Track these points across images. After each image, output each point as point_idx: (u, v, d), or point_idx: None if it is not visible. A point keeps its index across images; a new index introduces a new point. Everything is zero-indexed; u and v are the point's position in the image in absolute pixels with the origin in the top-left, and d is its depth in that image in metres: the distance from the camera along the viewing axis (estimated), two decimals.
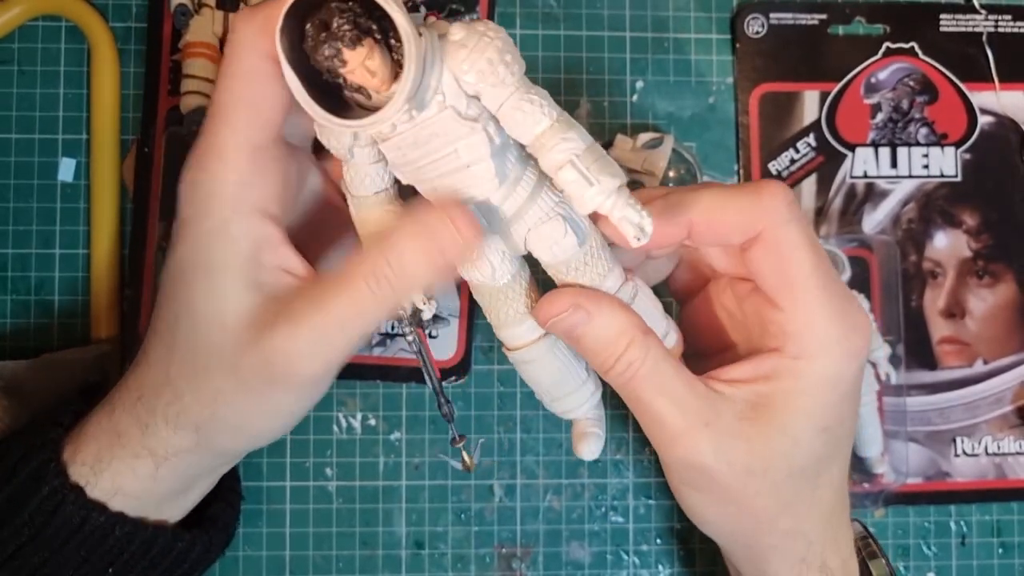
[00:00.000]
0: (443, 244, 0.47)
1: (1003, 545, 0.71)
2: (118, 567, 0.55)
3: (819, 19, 0.71)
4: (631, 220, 0.46)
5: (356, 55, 0.43)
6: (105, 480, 0.53)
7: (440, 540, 0.68)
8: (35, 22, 0.68)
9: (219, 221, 0.50)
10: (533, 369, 0.53)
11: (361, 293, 0.48)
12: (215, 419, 0.52)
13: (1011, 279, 0.71)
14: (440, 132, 0.45)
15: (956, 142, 0.71)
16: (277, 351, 0.49)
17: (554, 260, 0.49)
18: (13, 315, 0.67)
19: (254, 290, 0.50)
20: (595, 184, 0.46)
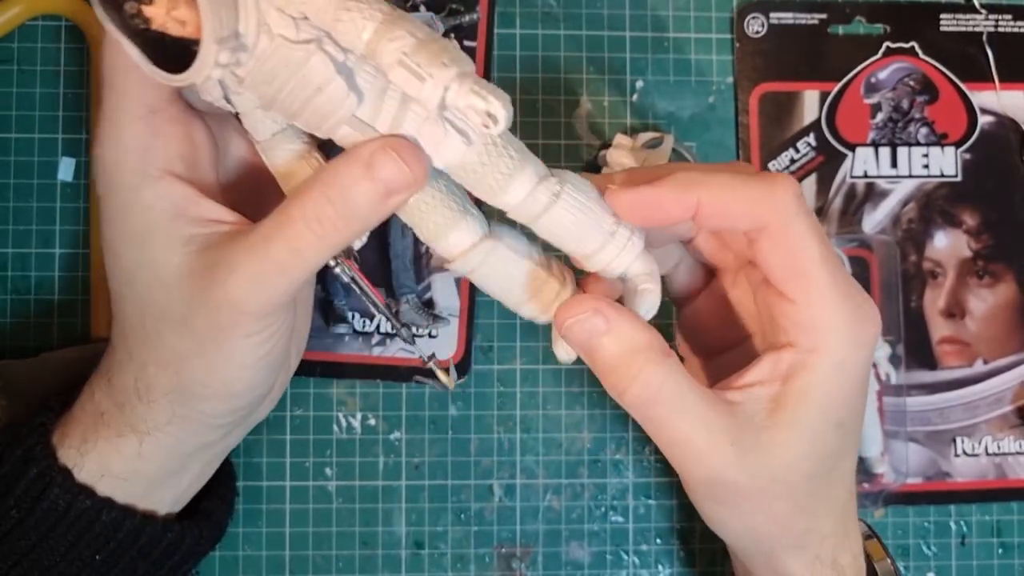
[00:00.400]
0: (390, 181, 0.46)
1: (1003, 545, 0.71)
2: (105, 555, 0.55)
3: (819, 19, 0.71)
4: (476, 108, 0.44)
5: (157, 9, 0.43)
6: (92, 461, 0.54)
7: (440, 540, 0.69)
8: (35, 21, 0.67)
9: (129, 191, 0.50)
10: (481, 277, 0.51)
11: (301, 235, 0.48)
12: (181, 382, 0.52)
13: (1011, 279, 0.71)
14: (280, 63, 0.45)
15: (956, 142, 0.71)
16: (220, 299, 0.49)
17: (446, 165, 0.48)
18: (13, 315, 0.67)
19: (184, 245, 0.50)
20: (427, 79, 0.44)
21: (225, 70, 0.45)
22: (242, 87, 0.46)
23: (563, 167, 0.68)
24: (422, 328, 0.68)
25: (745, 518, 0.53)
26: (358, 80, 0.45)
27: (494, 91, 0.45)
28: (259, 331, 0.51)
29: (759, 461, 0.50)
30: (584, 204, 0.49)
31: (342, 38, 0.44)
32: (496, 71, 0.70)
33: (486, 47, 0.69)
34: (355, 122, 0.46)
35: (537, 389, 0.69)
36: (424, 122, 0.46)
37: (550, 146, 0.70)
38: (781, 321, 0.51)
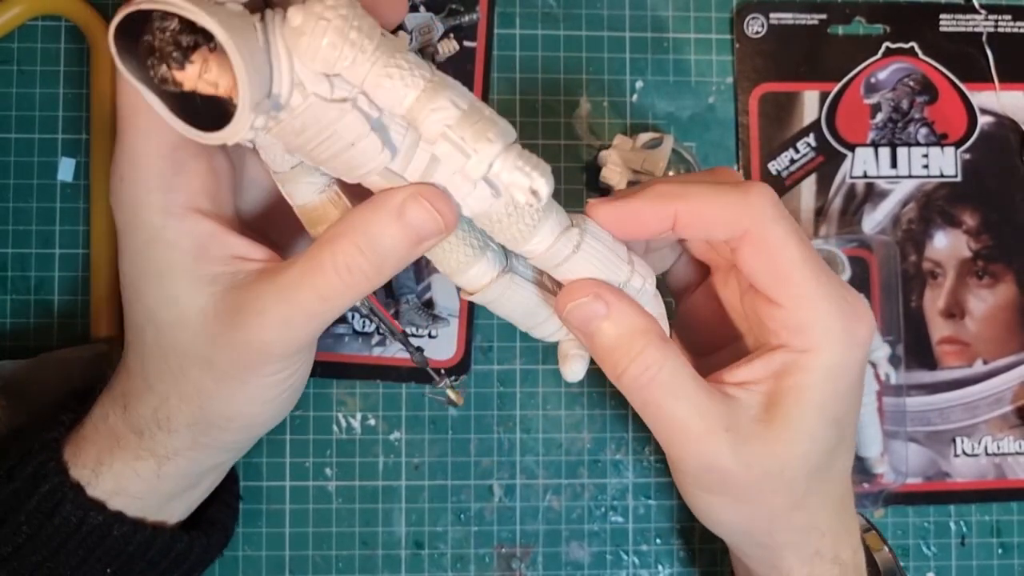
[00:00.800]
0: (421, 229, 0.47)
1: (1003, 545, 0.72)
2: (116, 567, 0.55)
3: (819, 19, 0.71)
4: (519, 185, 0.45)
5: (189, 74, 0.43)
6: (107, 481, 0.54)
7: (440, 540, 0.69)
8: (35, 22, 0.68)
9: (152, 230, 0.50)
10: (499, 306, 0.53)
11: (330, 281, 0.48)
12: (204, 414, 0.52)
13: (1011, 279, 0.71)
14: (312, 120, 0.44)
15: (956, 142, 0.71)
16: (249, 342, 0.49)
17: (473, 213, 0.48)
18: (13, 315, 0.68)
19: (208, 285, 0.50)
20: (472, 155, 0.45)
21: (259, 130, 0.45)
22: (270, 135, 0.46)
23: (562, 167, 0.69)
24: (422, 328, 0.68)
25: (738, 510, 0.54)
26: (391, 135, 0.45)
27: (537, 165, 0.45)
28: (283, 369, 0.51)
29: (754, 452, 0.51)
30: (603, 254, 0.50)
31: (381, 100, 0.44)
32: (496, 71, 0.70)
33: (486, 47, 0.70)
34: (386, 173, 0.46)
35: (537, 389, 0.69)
36: (453, 173, 0.46)
37: (550, 146, 0.71)
38: (770, 324, 0.52)
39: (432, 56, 0.68)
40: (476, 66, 0.69)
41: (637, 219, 0.51)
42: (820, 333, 0.51)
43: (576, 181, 0.71)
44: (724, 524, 0.56)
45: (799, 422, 0.51)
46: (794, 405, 0.51)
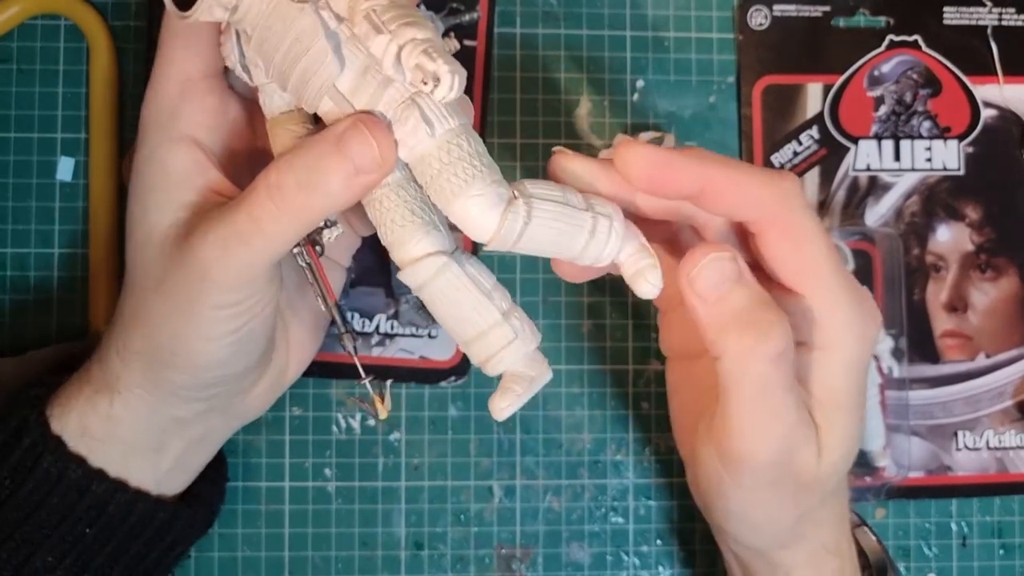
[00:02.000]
0: (358, 159, 0.50)
1: (1004, 546, 0.76)
2: (96, 530, 0.60)
3: (822, 11, 0.76)
4: (424, 67, 0.48)
5: None
6: (72, 421, 0.59)
7: (439, 541, 0.74)
8: (34, 21, 0.72)
9: (150, 148, 0.57)
10: (430, 297, 0.53)
11: (261, 203, 0.51)
12: (152, 343, 0.57)
13: (1014, 273, 0.76)
14: (278, 20, 0.50)
15: (959, 135, 0.76)
16: (190, 262, 0.54)
17: (409, 157, 0.51)
18: (12, 315, 0.72)
19: (180, 209, 0.56)
20: (385, 33, 0.49)
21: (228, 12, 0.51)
22: (250, 48, 0.52)
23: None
24: (421, 328, 0.73)
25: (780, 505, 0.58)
26: (344, 51, 0.50)
27: (447, 58, 0.48)
28: (227, 304, 0.55)
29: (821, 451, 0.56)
30: (557, 212, 0.51)
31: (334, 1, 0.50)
32: (496, 71, 0.75)
33: (486, 46, 0.73)
34: (336, 95, 0.51)
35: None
36: (397, 106, 0.50)
37: (550, 146, 0.69)
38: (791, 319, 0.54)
39: None
40: (476, 65, 0.73)
41: (669, 170, 0.52)
42: (839, 328, 0.55)
43: None
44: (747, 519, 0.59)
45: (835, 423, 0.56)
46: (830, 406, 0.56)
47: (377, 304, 0.73)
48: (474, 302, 0.53)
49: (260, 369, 0.62)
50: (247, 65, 0.55)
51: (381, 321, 0.73)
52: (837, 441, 0.56)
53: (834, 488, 0.59)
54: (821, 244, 0.54)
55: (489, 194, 0.50)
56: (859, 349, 0.56)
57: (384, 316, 0.73)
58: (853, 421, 0.57)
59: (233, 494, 0.73)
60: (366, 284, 0.72)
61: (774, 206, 0.54)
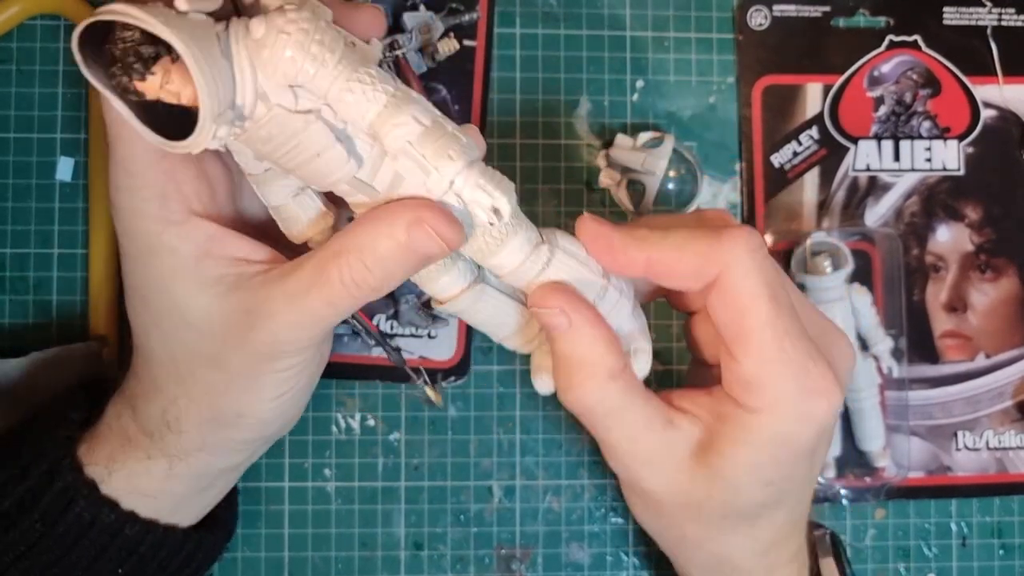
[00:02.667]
0: (425, 251, 0.50)
1: (1004, 546, 0.77)
2: (128, 568, 0.60)
3: (822, 11, 0.76)
4: (481, 204, 0.49)
5: (151, 84, 0.46)
6: (119, 479, 0.58)
7: (439, 541, 0.74)
8: (33, 21, 0.72)
9: (151, 237, 0.54)
10: (469, 316, 0.56)
11: (339, 295, 0.52)
12: (214, 414, 0.57)
13: (1013, 273, 0.76)
14: (278, 130, 0.48)
15: (959, 136, 0.77)
16: (261, 342, 0.53)
17: None
18: (11, 315, 0.72)
19: (212, 286, 0.54)
20: (432, 172, 0.48)
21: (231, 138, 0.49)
22: (239, 141, 0.50)
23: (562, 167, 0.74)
24: (421, 328, 0.73)
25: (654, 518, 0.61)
26: (357, 146, 0.49)
27: (499, 183, 0.49)
28: (293, 366, 0.56)
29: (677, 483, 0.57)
30: (575, 268, 0.54)
31: (344, 114, 0.48)
32: (496, 71, 0.75)
33: (486, 46, 0.74)
34: (355, 182, 0.50)
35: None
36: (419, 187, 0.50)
37: (550, 146, 0.75)
38: (727, 373, 0.56)
39: (432, 55, 0.72)
40: (476, 65, 0.73)
41: (612, 254, 0.54)
42: (769, 400, 0.54)
43: (576, 181, 0.75)
44: (640, 518, 0.63)
45: (727, 473, 0.55)
46: (726, 454, 0.55)
47: (377, 304, 0.73)
48: (507, 309, 0.57)
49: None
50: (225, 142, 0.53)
51: (381, 321, 0.73)
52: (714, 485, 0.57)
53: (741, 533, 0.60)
54: (760, 310, 0.54)
55: (522, 244, 0.53)
56: (791, 424, 0.55)
57: (384, 316, 0.73)
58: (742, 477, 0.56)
59: None
60: None
61: (711, 270, 0.54)
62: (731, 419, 0.55)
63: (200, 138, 0.46)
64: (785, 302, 0.54)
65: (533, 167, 0.75)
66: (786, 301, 0.54)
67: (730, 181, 0.77)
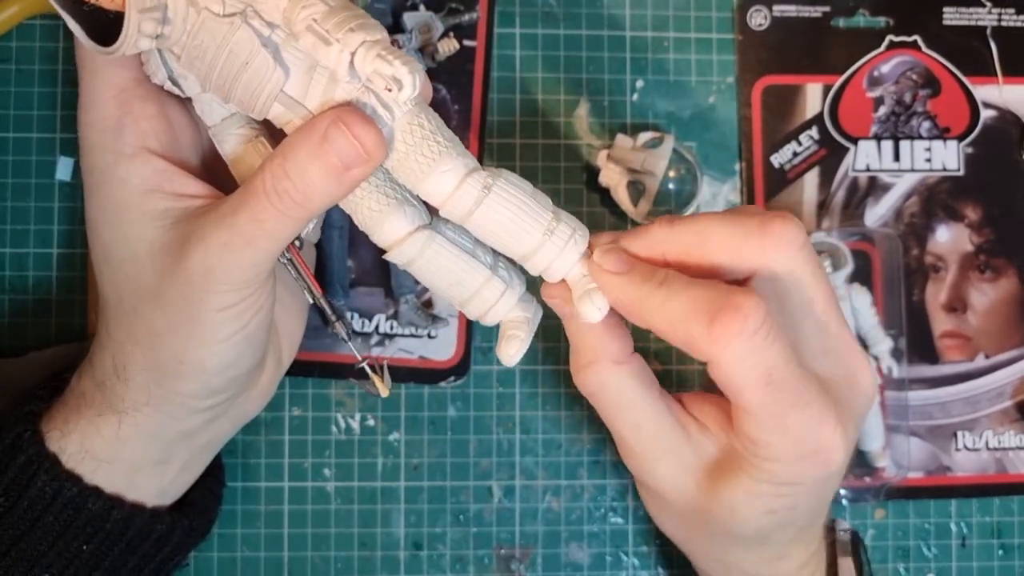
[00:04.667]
0: (344, 157, 0.51)
1: (1003, 547, 0.77)
2: (93, 546, 0.60)
3: (822, 11, 0.77)
4: (382, 72, 0.48)
5: None
6: (73, 443, 0.59)
7: (439, 541, 0.74)
8: (33, 21, 0.72)
9: (104, 167, 0.57)
10: (420, 270, 0.55)
11: (263, 207, 0.52)
12: (156, 357, 0.57)
13: (1013, 274, 0.77)
14: (208, 38, 0.49)
15: (959, 136, 0.77)
16: (191, 270, 0.54)
17: None
18: (11, 315, 0.72)
19: (157, 219, 0.56)
20: (334, 43, 0.48)
21: (154, 41, 0.50)
22: (180, 65, 0.52)
23: (562, 167, 0.74)
24: (421, 328, 0.73)
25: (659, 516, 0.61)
26: (284, 56, 0.50)
27: (402, 57, 0.49)
28: (231, 304, 0.55)
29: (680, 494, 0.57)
30: (519, 199, 0.53)
31: (264, 11, 0.49)
32: (496, 70, 0.75)
33: (486, 46, 0.74)
34: (286, 99, 0.51)
35: (536, 390, 0.74)
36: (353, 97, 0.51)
37: (550, 146, 0.75)
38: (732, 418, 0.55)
39: (432, 55, 0.72)
40: (476, 65, 0.74)
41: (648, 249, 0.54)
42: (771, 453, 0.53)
43: (576, 181, 0.76)
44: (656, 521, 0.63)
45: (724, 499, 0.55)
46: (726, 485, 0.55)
47: (377, 304, 0.73)
48: (463, 265, 0.55)
49: (262, 364, 0.63)
50: (176, 79, 0.55)
51: (380, 321, 0.74)
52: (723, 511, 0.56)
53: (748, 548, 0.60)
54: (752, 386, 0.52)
55: (457, 167, 0.52)
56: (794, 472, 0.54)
57: (384, 316, 0.73)
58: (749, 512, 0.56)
59: (232, 494, 0.73)
60: (366, 284, 0.72)
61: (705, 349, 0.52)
62: (737, 460, 0.55)
63: (127, 32, 0.48)
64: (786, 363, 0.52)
65: (533, 167, 0.75)
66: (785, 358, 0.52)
67: (730, 181, 0.77)
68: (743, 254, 0.53)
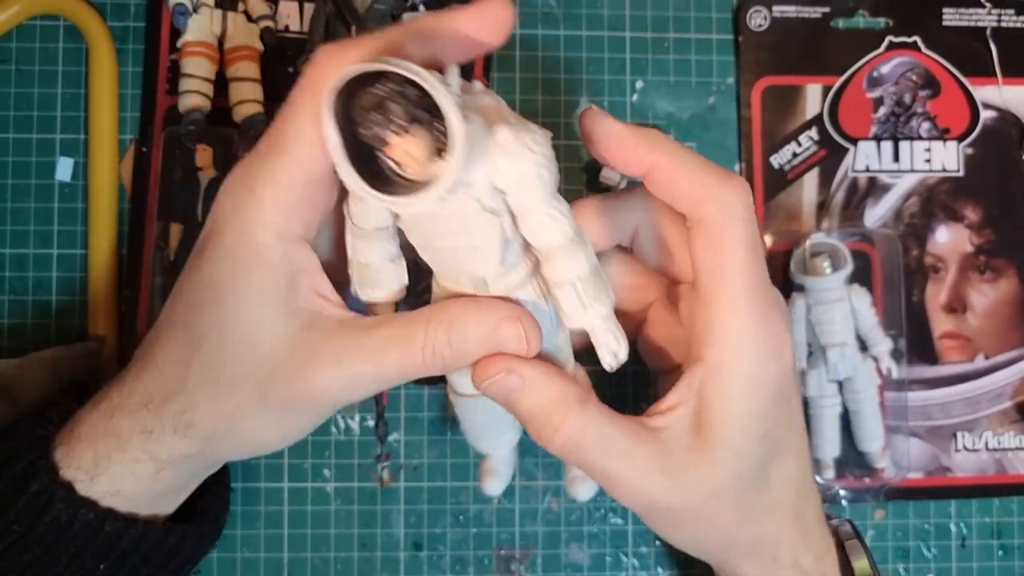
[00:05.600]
0: (506, 344, 0.53)
1: (1003, 547, 0.77)
2: (109, 563, 0.60)
3: (822, 12, 0.77)
4: (609, 346, 0.53)
5: (402, 141, 0.47)
6: (103, 483, 0.58)
7: (439, 542, 0.74)
8: (33, 21, 0.73)
9: (259, 246, 0.53)
10: (472, 412, 0.61)
11: (414, 357, 0.53)
12: (229, 432, 0.56)
13: (1013, 274, 0.77)
14: (460, 215, 0.50)
15: (958, 136, 0.77)
16: (315, 388, 0.53)
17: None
18: (11, 315, 0.72)
19: (290, 317, 0.54)
20: (587, 308, 0.52)
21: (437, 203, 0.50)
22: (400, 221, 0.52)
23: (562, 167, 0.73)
24: None
25: (693, 533, 0.60)
26: (509, 254, 0.52)
27: (624, 336, 0.54)
28: (320, 416, 0.57)
29: (690, 483, 0.56)
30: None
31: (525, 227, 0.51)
32: (496, 71, 0.76)
33: None
34: (479, 282, 0.53)
35: None
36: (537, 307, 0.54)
37: None
38: (696, 330, 0.57)
39: None
40: (476, 66, 0.74)
41: (619, 144, 0.56)
42: (736, 343, 0.56)
43: (576, 181, 0.76)
44: (683, 545, 0.62)
45: (725, 442, 0.56)
46: (717, 425, 0.56)
47: None
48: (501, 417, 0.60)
49: None
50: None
51: None
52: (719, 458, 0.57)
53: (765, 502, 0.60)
54: (740, 256, 0.56)
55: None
56: (761, 367, 0.56)
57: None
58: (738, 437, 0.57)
59: (232, 495, 0.73)
60: None
61: (709, 206, 0.56)
62: (707, 383, 0.56)
63: (422, 201, 0.47)
64: (760, 256, 0.56)
65: None
66: (761, 255, 0.57)
67: None
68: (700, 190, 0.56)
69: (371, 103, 0.47)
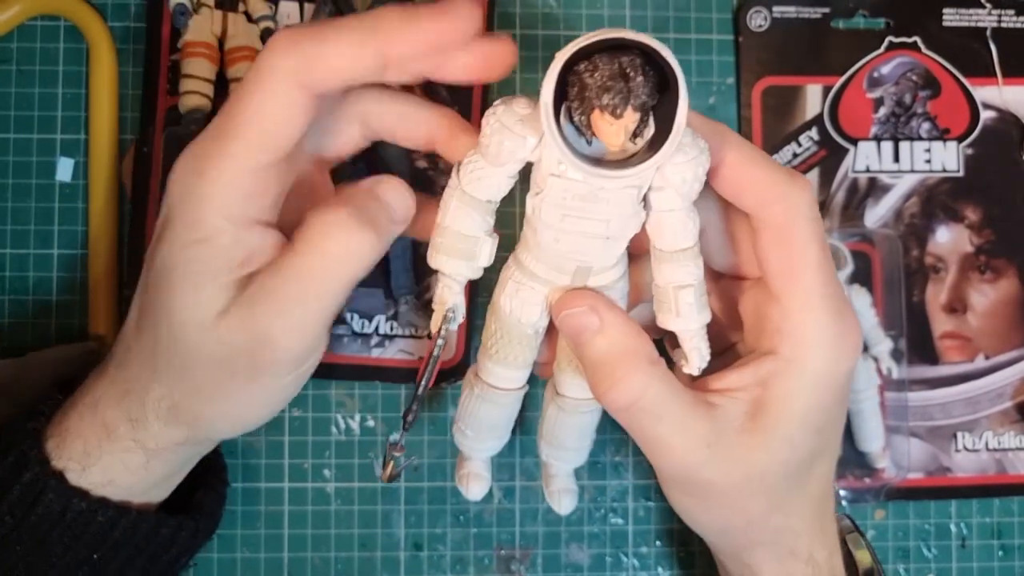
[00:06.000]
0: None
1: (1003, 547, 0.77)
2: (103, 553, 0.60)
3: (822, 12, 0.77)
4: (701, 351, 0.56)
5: (630, 116, 0.48)
6: (95, 474, 0.59)
7: (439, 542, 0.74)
8: (34, 21, 0.73)
9: (210, 230, 0.53)
10: (489, 409, 0.61)
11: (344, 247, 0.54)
12: (207, 412, 0.57)
13: (1013, 274, 0.77)
14: (610, 201, 0.51)
15: (958, 137, 0.77)
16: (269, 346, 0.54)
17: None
18: (11, 315, 0.72)
19: (234, 288, 0.54)
20: (699, 313, 0.55)
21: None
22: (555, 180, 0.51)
23: None
24: (421, 329, 0.73)
25: (718, 512, 0.59)
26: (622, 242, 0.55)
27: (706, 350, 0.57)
28: (297, 376, 0.57)
29: (734, 461, 0.56)
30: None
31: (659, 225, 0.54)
32: None
33: None
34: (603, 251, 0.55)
35: (537, 391, 0.72)
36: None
37: None
38: (766, 325, 0.57)
39: None
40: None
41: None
42: (812, 338, 0.56)
43: None
44: (702, 524, 0.61)
45: (781, 431, 0.56)
46: (778, 415, 0.56)
47: (376, 305, 0.73)
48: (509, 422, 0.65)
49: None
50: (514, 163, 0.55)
51: (380, 322, 0.74)
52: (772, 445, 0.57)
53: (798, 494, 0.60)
54: (813, 254, 0.56)
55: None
56: (832, 365, 0.57)
57: (383, 317, 0.73)
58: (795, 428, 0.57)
59: (232, 495, 0.73)
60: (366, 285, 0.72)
61: (778, 205, 0.55)
62: (776, 376, 0.56)
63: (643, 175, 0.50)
64: (829, 253, 0.57)
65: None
66: (829, 253, 0.57)
67: None
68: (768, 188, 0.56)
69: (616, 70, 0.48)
